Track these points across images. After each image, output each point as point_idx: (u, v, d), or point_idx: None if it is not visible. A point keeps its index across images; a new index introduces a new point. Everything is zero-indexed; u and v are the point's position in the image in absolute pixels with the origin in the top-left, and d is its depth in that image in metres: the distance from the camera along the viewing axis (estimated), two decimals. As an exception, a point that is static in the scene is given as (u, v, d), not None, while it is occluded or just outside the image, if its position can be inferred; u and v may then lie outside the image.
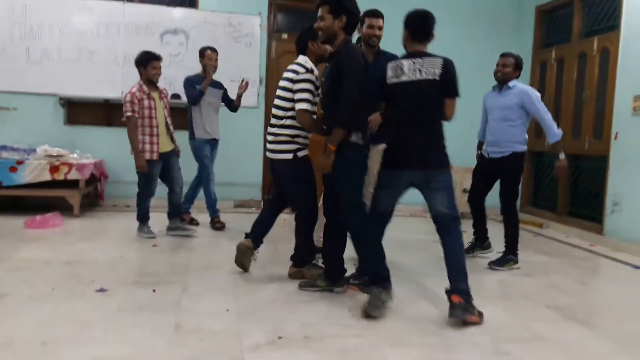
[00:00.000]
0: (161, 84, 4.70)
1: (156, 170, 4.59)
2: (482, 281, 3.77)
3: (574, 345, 2.70)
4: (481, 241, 4.48)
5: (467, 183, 4.85)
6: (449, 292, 2.93)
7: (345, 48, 3.01)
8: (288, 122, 3.34)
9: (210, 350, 2.42)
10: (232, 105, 5.38)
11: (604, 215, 5.42)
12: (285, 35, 6.68)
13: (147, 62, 4.53)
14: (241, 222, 5.20)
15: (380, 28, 3.71)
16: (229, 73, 5.86)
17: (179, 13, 6.13)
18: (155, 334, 2.55)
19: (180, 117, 5.60)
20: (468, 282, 2.95)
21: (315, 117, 3.33)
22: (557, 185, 6.18)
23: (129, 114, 4.44)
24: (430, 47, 3.16)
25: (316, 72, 3.33)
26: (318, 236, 3.68)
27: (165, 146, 4.63)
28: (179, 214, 4.83)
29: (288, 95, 3.32)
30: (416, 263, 4.18)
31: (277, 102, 3.40)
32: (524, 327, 2.93)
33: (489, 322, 2.96)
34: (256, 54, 6.24)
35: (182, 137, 5.13)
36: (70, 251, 4.03)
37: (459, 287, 2.92)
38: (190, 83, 5.11)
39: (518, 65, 4.19)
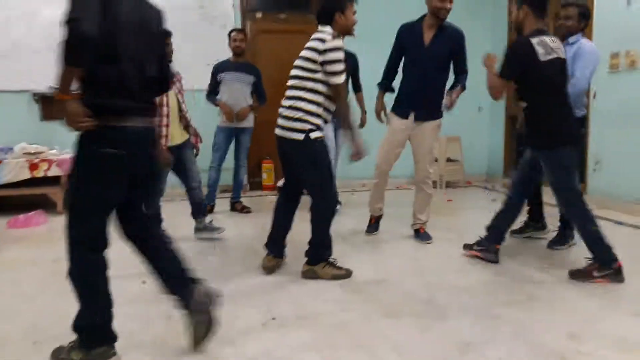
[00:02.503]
0: None
1: None
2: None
3: (562, 305, 2.75)
4: (535, 221, 4.12)
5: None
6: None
7: None
8: (309, 95, 2.98)
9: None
10: (262, 98, 5.25)
11: (586, 174, 5.48)
12: (259, 14, 6.57)
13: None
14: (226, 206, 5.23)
15: (451, 1, 3.67)
16: (203, 56, 5.76)
17: (148, -2, 5.97)
18: (147, 326, 2.55)
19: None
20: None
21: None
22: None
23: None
24: (408, 14, 3.14)
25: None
26: None
27: (177, 137, 3.99)
28: (203, 213, 4.24)
29: (311, 66, 2.96)
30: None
31: (295, 72, 3.05)
32: (517, 290, 2.98)
33: (480, 286, 3.01)
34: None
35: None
36: (56, 249, 3.91)
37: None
38: (213, 72, 5.03)
39: (584, 16, 3.58)
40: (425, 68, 3.79)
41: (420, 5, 3.83)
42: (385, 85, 4.11)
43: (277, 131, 3.10)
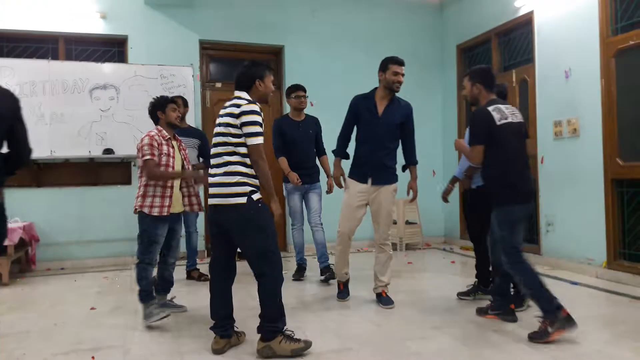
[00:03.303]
0: (93, 138, 4.48)
1: (162, 231, 3.71)
2: (429, 310, 3.80)
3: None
4: (484, 284, 4.18)
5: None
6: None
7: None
8: (242, 159, 2.93)
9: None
10: (208, 160, 4.95)
11: (539, 235, 5.65)
12: (219, 84, 6.72)
13: (164, 105, 3.85)
14: (181, 275, 5.07)
15: (403, 75, 3.94)
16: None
17: (108, 68, 6.04)
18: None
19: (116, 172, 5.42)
20: None
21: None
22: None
23: (147, 157, 3.62)
24: (358, 87, 3.27)
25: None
26: None
27: (177, 206, 3.82)
28: (168, 290, 4.01)
29: (233, 131, 2.93)
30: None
31: (220, 139, 2.99)
32: (475, 355, 2.95)
33: (439, 352, 2.97)
34: (191, 103, 6.17)
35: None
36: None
37: None
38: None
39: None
40: (380, 135, 3.97)
41: (371, 79, 4.03)
42: (341, 153, 4.22)
43: (213, 200, 2.96)
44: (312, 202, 4.96)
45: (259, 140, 2.92)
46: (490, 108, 3.36)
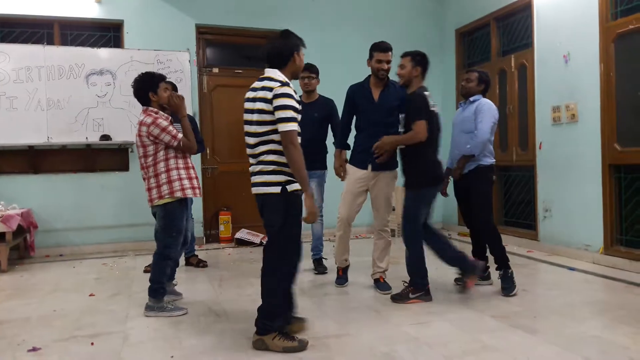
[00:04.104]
0: (90, 124, 4.36)
1: (184, 219, 3.61)
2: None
3: (521, 353, 2.76)
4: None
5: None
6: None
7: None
8: (278, 147, 2.77)
9: (156, 401, 2.30)
10: (200, 145, 4.48)
11: (537, 221, 5.67)
12: (216, 70, 6.67)
13: (157, 85, 3.52)
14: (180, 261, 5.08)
15: (388, 62, 3.94)
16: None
17: (104, 53, 5.98)
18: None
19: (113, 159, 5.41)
20: None
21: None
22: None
23: (180, 135, 3.46)
24: (358, 72, 3.25)
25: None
26: None
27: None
28: (174, 276, 3.90)
29: (267, 118, 2.75)
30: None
31: (251, 129, 2.84)
32: (472, 339, 2.98)
33: (438, 337, 2.99)
34: (187, 89, 6.15)
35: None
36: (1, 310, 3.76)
37: None
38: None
39: (482, 80, 4.11)
40: (377, 121, 3.96)
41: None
42: (342, 144, 4.21)
43: (254, 189, 2.86)
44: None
45: (291, 126, 2.71)
46: (425, 93, 3.66)
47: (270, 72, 2.85)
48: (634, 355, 2.69)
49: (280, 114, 2.71)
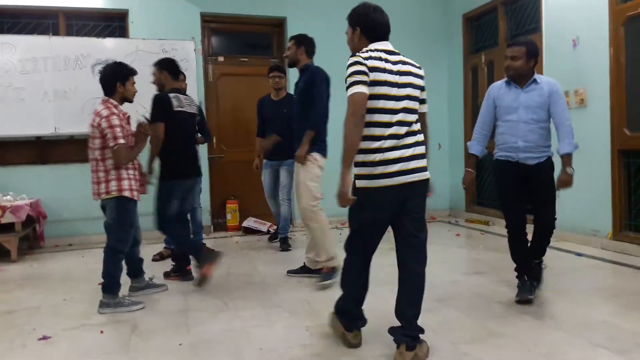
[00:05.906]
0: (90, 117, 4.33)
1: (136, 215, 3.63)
2: (434, 283, 3.82)
3: (529, 339, 2.76)
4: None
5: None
6: None
7: None
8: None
9: (165, 388, 2.32)
10: (207, 135, 5.27)
11: (545, 208, 5.62)
12: (221, 58, 6.65)
13: (127, 77, 3.49)
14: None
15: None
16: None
17: (109, 43, 5.97)
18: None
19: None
20: None
21: None
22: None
23: (121, 140, 3.32)
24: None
25: None
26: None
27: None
28: (142, 273, 3.90)
29: (419, 95, 2.57)
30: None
31: (411, 104, 2.49)
32: (480, 326, 2.98)
33: (445, 324, 3.00)
34: (193, 78, 6.14)
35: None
36: (9, 300, 3.80)
37: None
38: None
39: (531, 53, 3.33)
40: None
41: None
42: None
43: (409, 177, 2.44)
44: (281, 177, 5.26)
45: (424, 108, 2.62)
46: (171, 95, 3.87)
47: (392, 47, 2.64)
48: (642, 341, 2.68)
49: (425, 94, 2.63)
